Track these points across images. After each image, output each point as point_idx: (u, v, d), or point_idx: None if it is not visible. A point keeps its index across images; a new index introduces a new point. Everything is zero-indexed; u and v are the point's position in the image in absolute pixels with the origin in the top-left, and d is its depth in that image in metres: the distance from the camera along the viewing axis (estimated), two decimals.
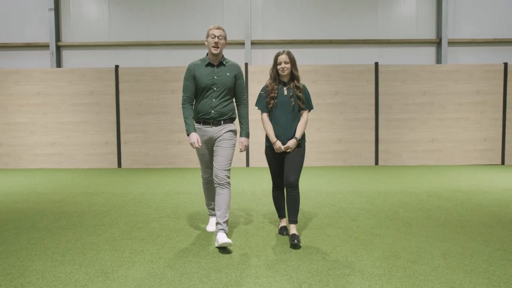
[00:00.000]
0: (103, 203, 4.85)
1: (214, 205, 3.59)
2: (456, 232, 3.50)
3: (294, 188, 3.20)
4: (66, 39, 9.32)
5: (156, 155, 8.60)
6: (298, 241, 3.06)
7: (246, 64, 8.53)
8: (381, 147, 8.63)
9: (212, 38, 3.24)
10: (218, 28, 3.28)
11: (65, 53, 9.31)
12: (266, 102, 3.32)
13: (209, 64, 3.30)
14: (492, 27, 9.20)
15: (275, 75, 3.35)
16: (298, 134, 3.27)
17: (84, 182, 6.65)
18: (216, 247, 3.04)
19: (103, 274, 2.57)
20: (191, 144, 3.24)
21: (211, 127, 3.29)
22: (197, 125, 3.35)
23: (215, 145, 3.30)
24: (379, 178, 6.72)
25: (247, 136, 3.44)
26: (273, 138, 3.27)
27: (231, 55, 9.09)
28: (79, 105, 8.64)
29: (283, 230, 3.46)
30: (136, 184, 6.37)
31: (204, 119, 3.29)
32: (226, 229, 3.16)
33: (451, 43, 9.11)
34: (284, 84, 3.36)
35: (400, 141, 8.63)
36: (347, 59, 9.56)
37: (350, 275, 2.52)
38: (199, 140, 3.26)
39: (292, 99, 3.28)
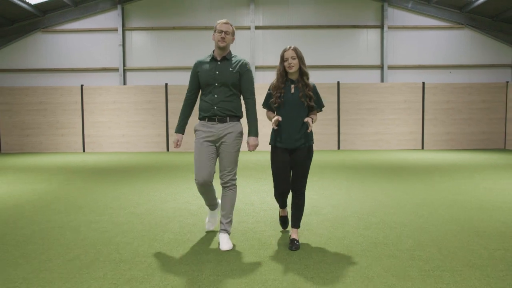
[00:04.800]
0: (177, 165, 9.21)
1: (212, 203, 3.50)
2: (354, 172, 7.88)
3: (300, 193, 3.17)
4: (129, 64, 13.64)
5: (193, 142, 12.95)
6: (297, 247, 3.04)
7: None
8: (341, 137, 12.98)
9: (219, 33, 3.12)
10: (226, 23, 3.15)
11: (128, 74, 13.63)
12: (272, 102, 3.13)
13: (213, 59, 3.18)
14: (417, 56, 13.49)
15: (283, 72, 3.11)
16: (312, 117, 3.14)
17: (153, 157, 11.01)
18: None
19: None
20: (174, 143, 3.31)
21: (217, 123, 3.17)
22: (202, 122, 3.24)
23: (220, 147, 3.21)
24: (335, 156, 11.08)
25: (255, 135, 3.25)
26: (274, 116, 3.14)
27: None
28: (140, 110, 13.00)
29: (284, 220, 3.53)
30: (187, 158, 10.72)
31: (208, 116, 3.18)
32: (229, 229, 3.19)
33: (390, 67, 13.42)
34: (292, 81, 3.12)
35: (354, 133, 12.98)
36: (319, 79, 13.77)
37: None
38: (179, 143, 3.34)
39: (302, 99, 3.05)
